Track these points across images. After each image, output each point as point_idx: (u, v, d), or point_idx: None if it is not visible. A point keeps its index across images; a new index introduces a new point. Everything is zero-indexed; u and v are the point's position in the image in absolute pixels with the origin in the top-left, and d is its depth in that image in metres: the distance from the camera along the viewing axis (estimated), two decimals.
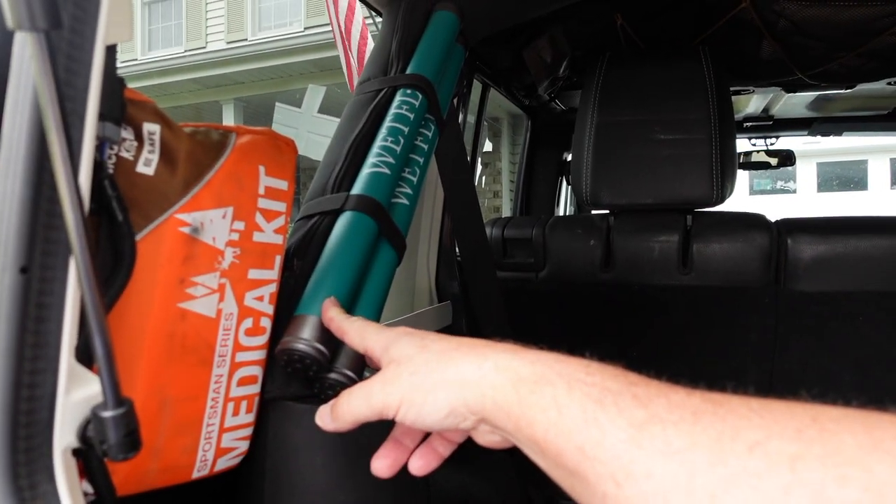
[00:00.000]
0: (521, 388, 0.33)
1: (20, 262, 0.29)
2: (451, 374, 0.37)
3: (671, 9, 1.21)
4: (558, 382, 0.32)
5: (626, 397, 0.29)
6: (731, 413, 0.26)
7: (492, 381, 0.35)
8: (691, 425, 0.26)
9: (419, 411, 0.38)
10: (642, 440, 0.27)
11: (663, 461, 0.26)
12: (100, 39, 0.32)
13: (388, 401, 0.39)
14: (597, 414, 0.29)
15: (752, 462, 0.24)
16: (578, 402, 0.30)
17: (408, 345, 0.41)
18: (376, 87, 0.76)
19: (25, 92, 0.29)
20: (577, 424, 0.30)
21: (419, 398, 0.38)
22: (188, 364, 0.45)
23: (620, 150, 1.07)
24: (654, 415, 0.28)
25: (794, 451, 0.23)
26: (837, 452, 0.22)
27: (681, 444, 0.26)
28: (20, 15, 0.25)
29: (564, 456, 0.30)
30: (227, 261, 0.47)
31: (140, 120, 0.43)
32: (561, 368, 0.33)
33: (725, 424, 0.26)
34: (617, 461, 0.27)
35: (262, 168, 0.50)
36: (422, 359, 0.39)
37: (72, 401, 0.32)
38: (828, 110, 2.07)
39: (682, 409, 0.28)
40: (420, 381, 0.38)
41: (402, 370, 0.40)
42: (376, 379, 0.41)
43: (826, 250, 1.01)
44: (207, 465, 0.49)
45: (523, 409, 0.33)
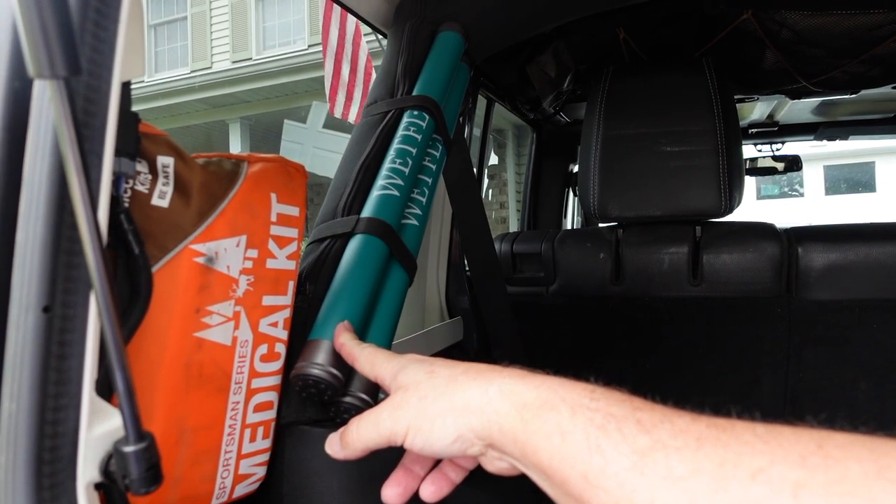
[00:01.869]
0: (526, 414, 0.33)
1: (43, 301, 0.30)
2: (457, 400, 0.37)
3: (673, 21, 1.22)
4: (562, 408, 0.32)
5: (630, 423, 0.29)
6: (736, 439, 0.26)
7: (497, 407, 0.35)
8: (694, 451, 0.26)
9: (427, 437, 0.38)
10: (645, 467, 0.27)
11: (665, 488, 0.26)
12: (116, 79, 0.33)
13: (396, 427, 0.40)
14: (600, 441, 0.29)
15: (754, 489, 0.24)
16: (582, 428, 0.30)
17: (416, 371, 0.41)
18: (383, 109, 0.77)
19: (46, 136, 0.30)
20: (581, 451, 0.30)
21: (427, 424, 0.38)
22: (205, 393, 0.46)
23: (627, 162, 1.08)
24: (658, 441, 0.28)
25: (797, 478, 0.23)
26: (842, 480, 0.22)
27: (683, 471, 0.26)
28: (41, 63, 0.26)
29: (569, 483, 0.30)
30: (241, 288, 0.48)
31: (154, 153, 0.44)
32: (565, 393, 0.33)
33: (728, 451, 0.26)
34: (620, 489, 0.27)
35: (274, 195, 0.51)
36: (430, 385, 0.39)
37: (94, 436, 0.33)
38: (833, 115, 2.07)
39: (685, 435, 0.27)
40: (427, 406, 0.38)
41: (409, 396, 0.40)
42: (385, 405, 0.41)
43: (837, 258, 1.01)
44: (226, 492, 0.49)
45: (528, 435, 0.33)
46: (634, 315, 1.11)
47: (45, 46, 0.26)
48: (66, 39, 0.26)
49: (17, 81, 0.31)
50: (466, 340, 1.10)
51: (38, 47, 0.26)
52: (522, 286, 1.21)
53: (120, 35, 0.33)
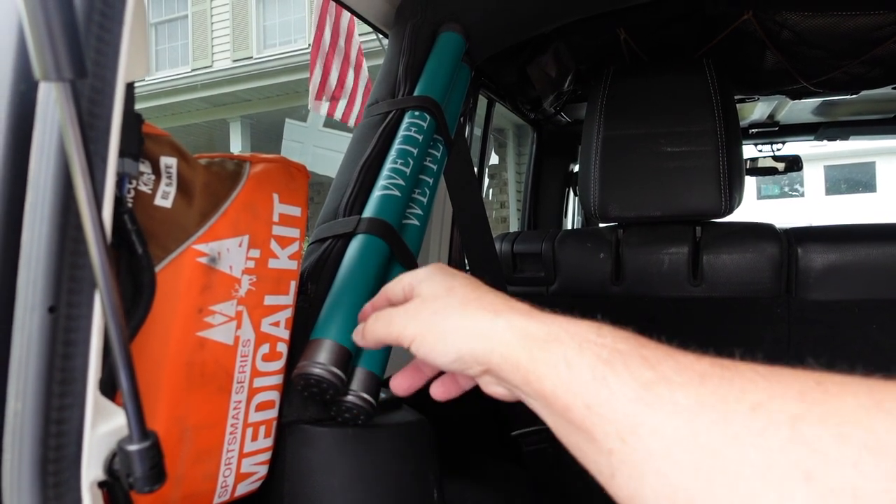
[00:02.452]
0: (531, 345, 0.35)
1: (48, 301, 0.30)
2: (465, 323, 0.39)
3: (674, 22, 1.22)
4: (569, 342, 0.33)
5: (635, 358, 0.30)
6: (739, 376, 0.27)
7: (501, 337, 0.36)
8: (698, 386, 0.27)
9: (430, 349, 0.40)
10: (649, 399, 0.28)
11: (669, 419, 0.27)
12: (120, 81, 0.33)
13: (405, 332, 0.42)
14: (605, 373, 0.30)
15: (754, 421, 0.24)
16: (588, 362, 0.31)
17: (438, 284, 0.44)
18: (384, 109, 0.77)
19: (51, 138, 0.30)
20: (586, 382, 0.30)
21: (431, 338, 0.40)
22: (208, 392, 0.46)
23: (627, 163, 1.08)
24: (662, 376, 0.28)
25: (795, 411, 0.24)
26: (838, 412, 0.23)
27: (687, 404, 0.27)
28: (47, 66, 0.26)
29: (572, 412, 0.31)
30: (243, 288, 0.48)
31: (157, 154, 0.44)
32: (572, 329, 0.34)
33: (732, 386, 0.26)
34: (624, 419, 0.28)
35: (276, 196, 0.51)
36: (445, 302, 0.42)
37: (98, 434, 0.33)
38: (833, 115, 2.07)
39: (689, 371, 0.28)
40: (437, 322, 0.41)
41: (425, 307, 0.42)
42: (402, 308, 0.44)
43: (837, 259, 1.01)
44: (228, 490, 0.49)
45: (534, 364, 0.34)
46: (634, 315, 1.11)
47: (51, 50, 0.26)
48: (72, 43, 0.26)
49: (22, 84, 0.32)
50: None
51: (45, 51, 0.26)
52: (523, 286, 1.22)
53: (124, 37, 0.33)
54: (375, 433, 0.57)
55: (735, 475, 0.23)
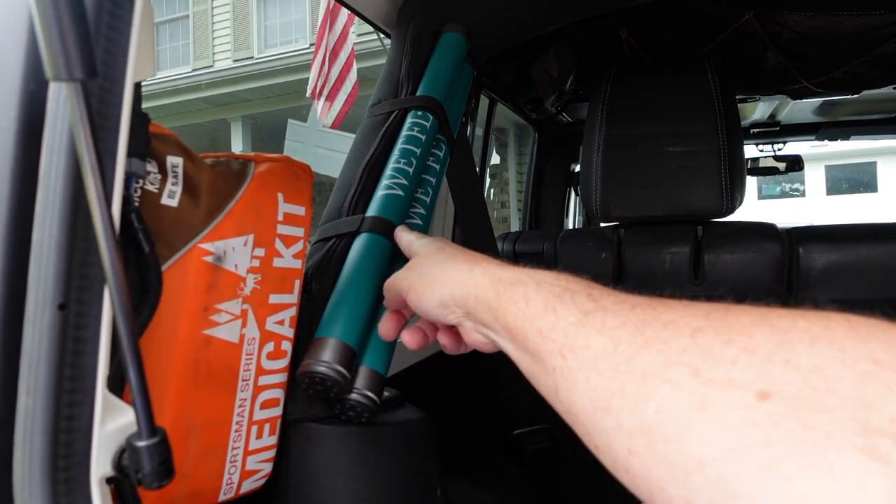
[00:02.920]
0: (500, 287, 0.40)
1: (58, 299, 0.30)
2: (448, 274, 0.46)
3: (675, 22, 1.22)
4: (530, 283, 0.38)
5: (582, 294, 0.35)
6: (662, 305, 0.31)
7: (477, 282, 0.42)
8: (627, 311, 0.32)
9: (419, 298, 0.47)
10: (586, 322, 0.33)
11: (598, 336, 0.31)
12: (129, 81, 0.34)
13: (403, 284, 0.49)
14: (555, 304, 0.35)
15: (663, 333, 0.29)
16: (543, 297, 0.36)
17: (432, 244, 0.53)
18: (387, 109, 0.77)
19: (61, 137, 0.31)
20: (539, 312, 0.36)
21: (420, 287, 0.47)
22: (213, 389, 0.46)
23: (629, 162, 1.08)
24: (601, 306, 0.33)
25: (697, 325, 0.28)
26: (731, 326, 0.27)
27: (614, 324, 0.31)
28: (58, 66, 0.27)
29: (528, 339, 0.36)
30: (248, 287, 0.48)
31: (164, 153, 0.44)
32: (534, 274, 0.40)
33: (653, 310, 0.31)
34: (564, 340, 0.33)
35: (281, 195, 0.51)
36: (435, 258, 0.49)
37: (107, 431, 0.33)
38: (834, 115, 2.07)
39: (623, 303, 0.33)
40: (426, 273, 0.48)
41: (418, 263, 0.50)
42: (402, 270, 0.51)
43: (838, 258, 1.01)
44: (233, 487, 0.50)
45: (500, 302, 0.39)
46: None
47: (62, 51, 0.26)
48: (83, 44, 0.27)
49: (32, 84, 0.32)
50: None
51: (56, 51, 0.26)
52: None
53: (133, 38, 0.33)
54: (379, 431, 0.58)
55: (641, 374, 0.28)
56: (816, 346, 0.24)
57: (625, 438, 0.28)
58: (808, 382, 0.22)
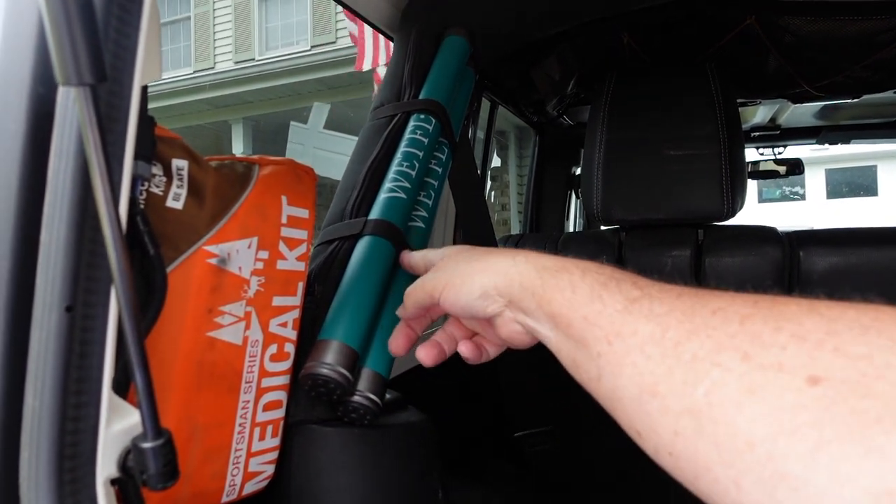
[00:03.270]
0: (545, 274, 0.40)
1: (65, 301, 0.31)
2: (489, 264, 0.45)
3: (677, 26, 1.23)
4: (575, 270, 0.39)
5: (627, 283, 0.36)
6: (709, 294, 0.32)
7: (521, 269, 0.42)
8: (673, 299, 0.32)
9: (458, 292, 0.45)
10: (633, 309, 0.33)
11: (645, 322, 0.32)
12: (136, 84, 0.34)
13: (436, 283, 0.48)
14: (601, 292, 0.36)
15: (711, 319, 0.29)
16: (588, 284, 0.37)
17: (459, 247, 0.51)
18: (390, 112, 0.77)
19: (70, 140, 0.31)
20: (585, 300, 0.36)
21: (458, 281, 0.46)
22: (217, 391, 0.47)
23: (630, 166, 1.08)
24: (647, 293, 0.34)
25: (746, 312, 0.28)
26: (781, 314, 0.27)
27: (661, 311, 0.32)
28: (68, 71, 0.27)
29: (573, 326, 0.36)
30: (252, 289, 0.49)
31: (169, 156, 0.44)
32: (579, 262, 0.40)
33: (700, 299, 0.31)
34: (611, 325, 0.33)
35: (285, 198, 0.52)
36: (468, 254, 0.49)
37: (112, 432, 0.33)
38: (835, 119, 2.07)
39: (670, 291, 0.33)
40: (462, 268, 0.47)
41: (449, 262, 0.49)
42: (429, 274, 0.50)
43: (839, 262, 1.01)
44: (236, 489, 0.50)
45: (545, 289, 0.39)
46: None
47: (72, 55, 0.27)
48: (93, 48, 0.27)
49: (41, 87, 0.32)
50: None
51: (67, 56, 0.26)
52: None
53: (141, 41, 0.34)
54: (381, 433, 0.58)
55: (690, 359, 0.28)
56: (866, 336, 0.24)
57: (671, 421, 0.28)
58: (858, 369, 0.23)
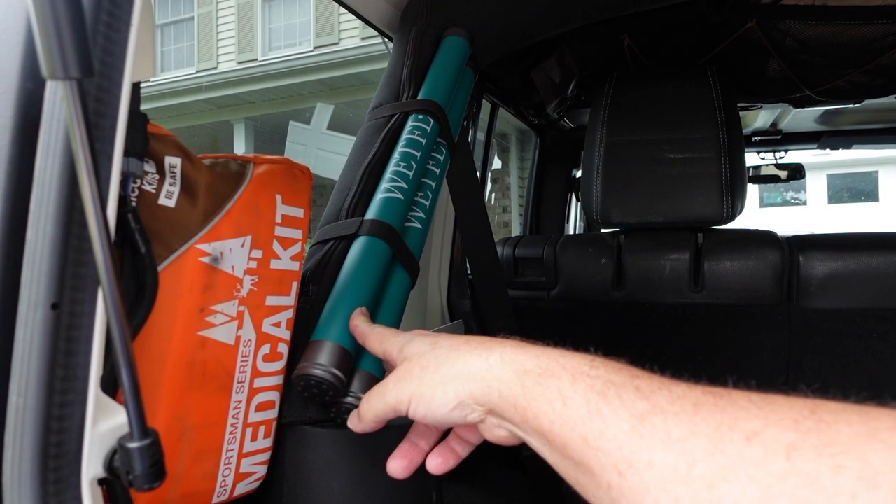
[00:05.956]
0: (527, 381, 0.34)
1: (51, 298, 0.30)
2: (458, 368, 0.38)
3: (678, 29, 1.22)
4: (563, 375, 0.33)
5: (629, 389, 0.30)
6: (732, 404, 0.27)
7: (497, 374, 0.36)
8: (691, 415, 0.27)
9: (429, 405, 0.39)
10: (644, 430, 0.28)
11: (663, 451, 0.26)
12: (126, 81, 0.34)
13: (400, 396, 0.41)
14: (600, 405, 0.30)
15: (749, 451, 0.24)
16: (582, 394, 0.31)
17: (420, 343, 0.43)
18: (388, 112, 0.77)
19: (57, 136, 0.30)
20: (581, 415, 0.30)
21: (428, 392, 0.39)
22: (208, 391, 0.46)
23: (630, 169, 1.08)
24: (656, 406, 0.28)
25: (790, 440, 0.23)
26: (833, 442, 0.22)
27: (680, 434, 0.26)
28: (54, 64, 0.27)
29: (569, 447, 0.31)
30: (245, 288, 0.48)
31: (162, 154, 0.44)
32: (565, 362, 0.34)
33: (725, 415, 0.26)
34: (619, 451, 0.28)
35: (279, 197, 0.51)
36: (432, 355, 0.41)
37: (99, 432, 0.33)
38: (836, 123, 2.07)
39: (682, 401, 0.28)
40: (429, 375, 0.40)
41: (413, 366, 0.41)
42: (390, 378, 0.43)
43: (839, 267, 1.01)
44: (227, 490, 0.49)
45: (529, 400, 0.33)
46: (635, 321, 1.11)
47: (59, 48, 0.26)
48: (80, 42, 0.27)
49: (29, 82, 0.32)
50: None
51: (53, 49, 0.26)
52: (524, 290, 1.22)
53: (131, 37, 0.33)
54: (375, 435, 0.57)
55: None
56: None
57: None
58: None
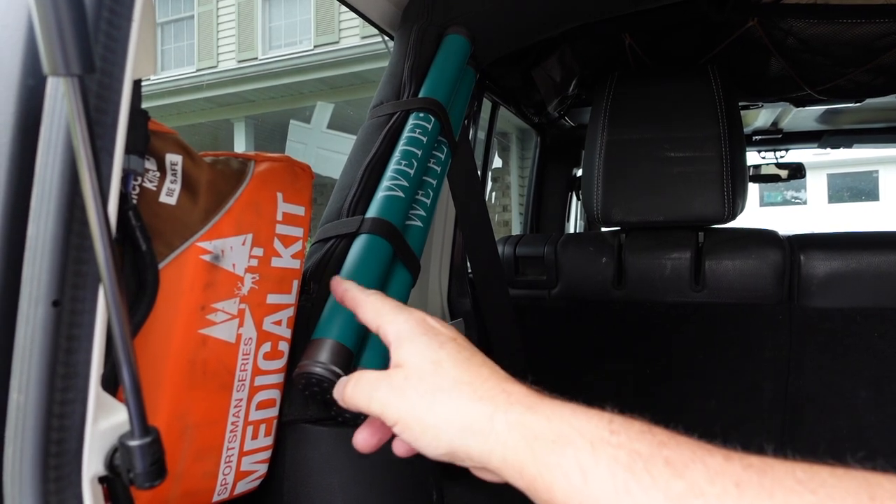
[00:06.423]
0: (538, 448, 0.31)
1: (52, 295, 0.30)
2: (458, 417, 0.34)
3: (679, 28, 1.22)
4: (580, 443, 0.29)
5: (659, 463, 0.27)
6: (779, 486, 0.24)
7: (503, 439, 0.32)
8: (736, 499, 0.24)
9: (416, 440, 0.36)
10: None
11: None
12: (127, 77, 0.33)
13: (387, 413, 0.37)
14: (629, 484, 0.27)
15: None
16: (606, 468, 0.28)
17: (421, 354, 0.38)
18: (389, 110, 0.77)
19: (58, 133, 0.30)
20: (607, 494, 0.27)
21: (418, 428, 0.35)
22: (209, 389, 0.46)
23: (631, 167, 1.08)
24: (694, 485, 0.25)
25: None
26: None
27: None
28: (56, 61, 0.26)
29: None
30: (246, 287, 0.48)
31: (163, 151, 0.44)
32: (581, 426, 0.30)
33: (775, 501, 0.23)
34: None
35: (280, 195, 0.51)
36: (433, 383, 0.36)
37: (99, 429, 0.33)
38: (837, 123, 2.07)
39: (722, 479, 0.25)
40: (425, 409, 0.35)
41: (408, 386, 0.37)
42: (383, 383, 0.39)
43: (840, 266, 1.01)
44: (227, 488, 0.49)
45: (540, 469, 0.30)
46: (636, 320, 1.11)
47: (60, 45, 0.26)
48: (81, 38, 0.27)
49: (30, 79, 0.32)
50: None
51: (54, 45, 0.26)
52: (525, 289, 1.22)
53: (133, 34, 0.33)
54: None
55: None
56: None
57: None
58: None
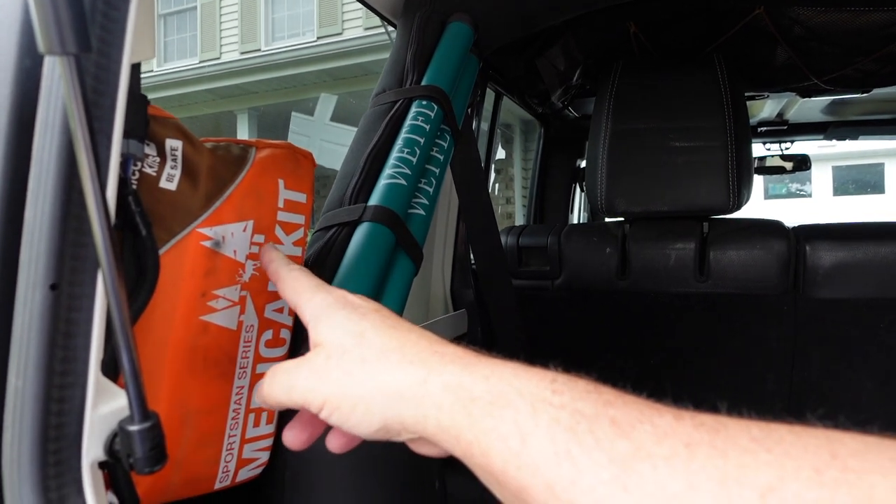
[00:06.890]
0: (474, 410, 0.28)
1: (50, 279, 0.30)
2: (387, 383, 0.31)
3: (685, 17, 1.21)
4: (520, 404, 0.27)
5: (604, 423, 0.25)
6: (733, 445, 0.22)
7: (437, 401, 0.30)
8: (686, 462, 0.22)
9: (346, 419, 0.33)
10: (628, 481, 0.23)
11: None
12: (125, 60, 0.33)
13: (310, 398, 0.34)
14: (569, 445, 0.25)
15: None
16: (546, 430, 0.25)
17: (342, 328, 0.35)
18: (392, 98, 0.76)
19: (55, 114, 0.30)
20: (546, 458, 0.25)
21: (347, 405, 0.32)
22: (210, 376, 0.46)
23: (635, 157, 1.07)
24: (640, 447, 0.23)
25: (815, 498, 0.20)
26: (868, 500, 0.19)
27: (677, 488, 0.22)
28: (51, 39, 0.26)
29: (529, 493, 0.25)
30: (247, 273, 0.48)
31: (163, 136, 0.44)
32: (521, 385, 0.28)
33: (728, 461, 0.22)
34: None
35: (282, 181, 0.51)
36: (357, 355, 0.33)
37: (99, 415, 0.33)
38: (843, 114, 2.05)
39: (672, 440, 0.23)
40: (351, 385, 0.33)
41: (332, 366, 0.34)
42: (303, 368, 0.35)
43: (845, 257, 1.00)
44: (229, 476, 0.49)
45: (476, 434, 0.28)
46: (640, 310, 1.10)
47: (56, 23, 0.26)
48: (77, 16, 0.26)
49: (27, 59, 0.31)
50: (471, 333, 1.10)
51: (49, 24, 0.26)
52: (528, 280, 1.21)
53: (130, 15, 0.33)
54: None
55: None
56: None
57: None
58: None
